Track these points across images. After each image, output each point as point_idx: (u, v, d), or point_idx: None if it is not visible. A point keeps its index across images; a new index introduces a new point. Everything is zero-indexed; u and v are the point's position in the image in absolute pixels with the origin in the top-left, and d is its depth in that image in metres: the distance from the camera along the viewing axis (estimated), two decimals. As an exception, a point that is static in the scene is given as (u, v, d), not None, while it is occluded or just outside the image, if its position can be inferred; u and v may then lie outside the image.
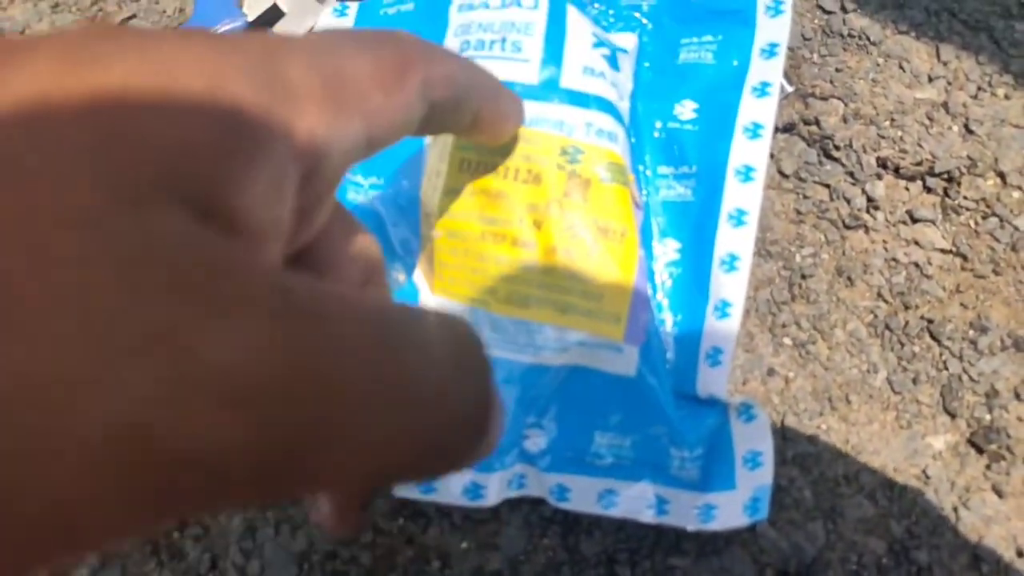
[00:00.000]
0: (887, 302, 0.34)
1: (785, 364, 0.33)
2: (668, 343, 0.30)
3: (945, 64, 0.37)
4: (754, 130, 0.30)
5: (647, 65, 0.33)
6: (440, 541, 0.30)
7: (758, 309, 0.34)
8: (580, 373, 0.29)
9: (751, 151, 0.30)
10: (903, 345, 0.33)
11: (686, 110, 0.32)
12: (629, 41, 0.32)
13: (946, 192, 0.35)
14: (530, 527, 0.30)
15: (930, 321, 0.33)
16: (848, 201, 0.35)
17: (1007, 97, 0.37)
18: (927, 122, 0.36)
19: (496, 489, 0.28)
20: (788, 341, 0.33)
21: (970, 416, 0.31)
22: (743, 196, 0.30)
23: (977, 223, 0.34)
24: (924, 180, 0.35)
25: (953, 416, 0.32)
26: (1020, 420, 0.31)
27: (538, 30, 0.29)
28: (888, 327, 0.33)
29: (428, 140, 0.31)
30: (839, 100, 0.37)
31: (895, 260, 0.34)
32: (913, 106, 0.37)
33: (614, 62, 0.31)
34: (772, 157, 0.36)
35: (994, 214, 0.34)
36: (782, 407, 0.32)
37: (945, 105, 0.36)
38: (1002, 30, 0.38)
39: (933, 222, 0.35)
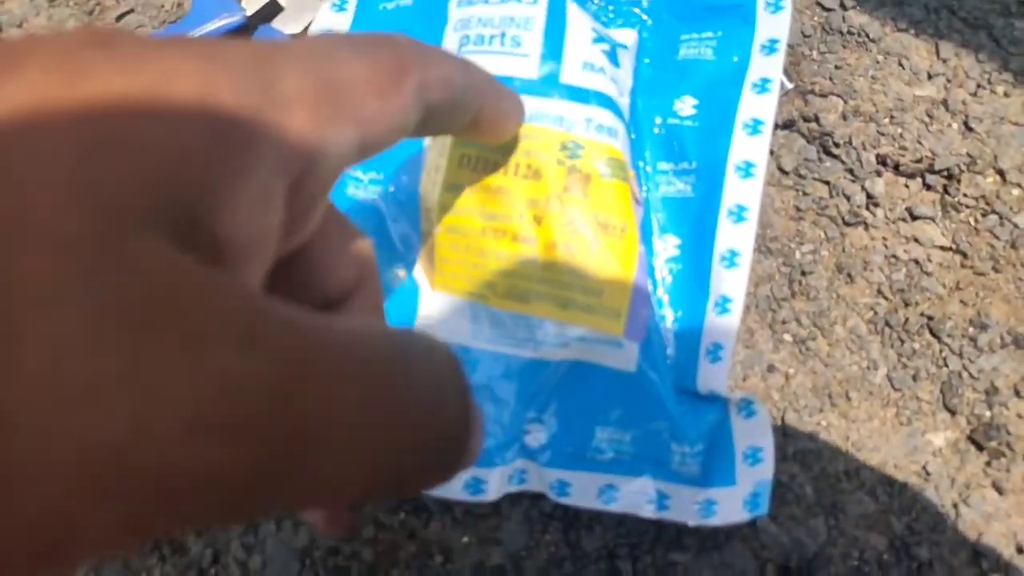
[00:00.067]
0: (887, 299, 0.34)
1: (785, 360, 0.33)
2: (668, 339, 0.30)
3: (945, 61, 0.38)
4: (754, 126, 0.30)
5: (647, 61, 0.33)
6: (442, 536, 0.30)
7: (758, 305, 0.34)
8: (580, 368, 0.29)
9: (751, 147, 0.30)
10: (903, 342, 0.33)
11: (686, 106, 0.32)
12: (629, 37, 0.32)
13: (946, 189, 0.35)
14: (531, 522, 0.30)
15: (930, 318, 0.33)
16: (848, 198, 0.35)
17: (1006, 95, 0.37)
18: (927, 119, 0.36)
19: (497, 484, 0.28)
20: (788, 337, 0.33)
21: (970, 413, 0.31)
22: (743, 192, 0.30)
23: (977, 220, 0.35)
24: (924, 177, 0.35)
25: (953, 413, 0.32)
26: (1020, 417, 0.31)
27: (538, 25, 0.29)
28: (888, 324, 0.33)
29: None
30: (839, 97, 0.37)
31: (895, 257, 0.34)
32: (913, 103, 0.37)
33: (614, 58, 0.31)
34: (772, 154, 0.36)
35: (994, 211, 0.34)
36: (782, 403, 0.32)
37: (945, 102, 0.36)
38: (1001, 28, 0.38)
39: (933, 219, 0.35)
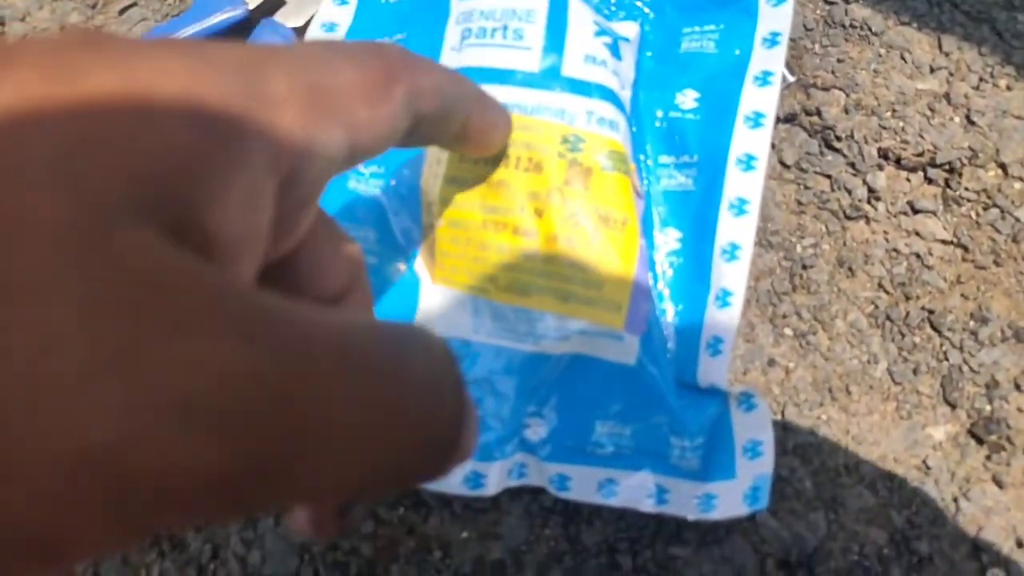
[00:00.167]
0: (888, 293, 0.34)
1: (786, 354, 0.33)
2: (669, 332, 0.30)
3: (947, 55, 0.37)
4: (755, 119, 0.30)
5: (649, 54, 0.33)
6: (441, 531, 0.30)
7: (759, 299, 0.34)
8: (581, 362, 0.29)
9: (752, 140, 0.30)
10: (904, 336, 0.33)
11: (688, 99, 0.32)
12: (631, 30, 0.32)
13: (947, 183, 0.35)
14: (531, 517, 0.30)
15: (931, 312, 0.33)
16: (849, 192, 0.35)
17: (1009, 88, 0.36)
18: (929, 113, 0.36)
19: (496, 478, 0.28)
20: (789, 331, 0.33)
21: (970, 407, 0.31)
22: (744, 185, 0.30)
23: (978, 214, 0.34)
24: (925, 171, 0.35)
25: (953, 407, 0.32)
26: (1020, 411, 0.31)
27: (540, 18, 0.29)
28: (889, 318, 0.33)
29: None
30: (841, 91, 0.37)
31: (896, 251, 0.34)
32: (915, 97, 0.36)
33: (616, 51, 0.31)
34: (773, 147, 0.36)
35: (995, 205, 0.34)
36: (782, 397, 0.32)
37: (947, 96, 0.36)
38: (1004, 21, 0.38)
39: (934, 213, 0.35)
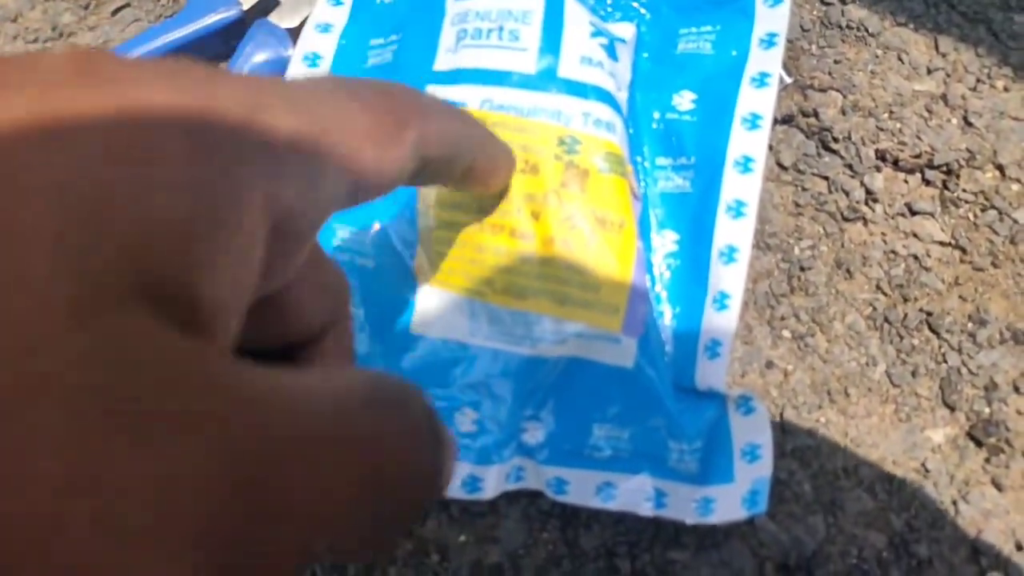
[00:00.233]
0: (886, 295, 0.33)
1: (784, 357, 0.33)
2: (666, 335, 0.29)
3: (944, 56, 0.37)
4: (753, 121, 0.30)
5: (645, 55, 0.33)
6: (438, 534, 0.30)
7: (756, 302, 0.33)
8: (578, 365, 0.28)
9: (750, 142, 0.30)
10: (902, 338, 0.33)
11: (684, 100, 0.32)
12: (627, 31, 0.32)
13: (945, 185, 0.35)
14: (529, 520, 0.30)
15: (929, 314, 0.33)
16: (847, 193, 0.35)
17: (1006, 89, 0.36)
18: (926, 114, 0.36)
19: (494, 482, 0.28)
20: (787, 334, 0.33)
21: (969, 409, 0.31)
22: (742, 187, 0.30)
23: (976, 216, 0.34)
24: (923, 172, 0.35)
25: (952, 409, 0.31)
26: (1019, 413, 0.31)
27: (536, 19, 0.29)
28: (887, 320, 0.33)
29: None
30: (838, 92, 0.37)
31: (894, 252, 0.34)
32: (912, 98, 0.36)
33: (612, 52, 0.31)
34: (770, 149, 0.36)
35: (993, 207, 0.34)
36: (781, 400, 0.32)
37: (944, 97, 0.36)
38: (1001, 22, 0.38)
39: (932, 215, 0.35)
